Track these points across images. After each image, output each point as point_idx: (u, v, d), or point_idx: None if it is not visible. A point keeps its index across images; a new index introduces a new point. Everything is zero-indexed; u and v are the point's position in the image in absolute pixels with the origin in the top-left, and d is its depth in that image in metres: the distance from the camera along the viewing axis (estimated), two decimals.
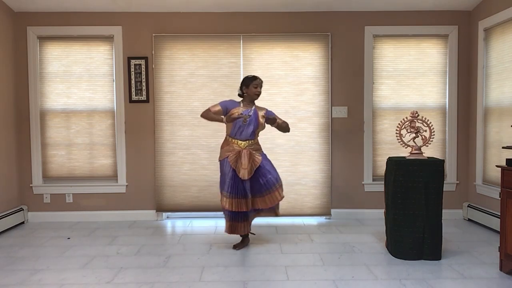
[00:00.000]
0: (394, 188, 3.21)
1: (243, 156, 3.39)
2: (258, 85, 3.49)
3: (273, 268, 3.03)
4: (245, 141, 3.45)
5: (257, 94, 3.52)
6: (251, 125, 3.44)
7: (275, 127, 3.60)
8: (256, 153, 3.47)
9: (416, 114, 3.38)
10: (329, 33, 4.46)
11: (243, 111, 3.44)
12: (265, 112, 3.55)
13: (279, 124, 3.59)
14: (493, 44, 4.12)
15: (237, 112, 3.42)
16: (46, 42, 4.49)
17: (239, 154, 3.41)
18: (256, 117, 3.47)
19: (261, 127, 3.54)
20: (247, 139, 3.46)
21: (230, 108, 3.48)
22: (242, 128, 3.44)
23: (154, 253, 3.39)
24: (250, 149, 3.44)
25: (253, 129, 3.46)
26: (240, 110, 3.45)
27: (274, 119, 3.51)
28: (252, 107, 3.51)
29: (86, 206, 4.55)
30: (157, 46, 4.46)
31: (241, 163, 3.38)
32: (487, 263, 3.09)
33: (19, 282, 2.82)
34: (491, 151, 4.16)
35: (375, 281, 2.79)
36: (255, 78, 3.51)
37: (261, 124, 3.51)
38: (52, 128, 4.53)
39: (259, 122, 3.48)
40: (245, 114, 3.42)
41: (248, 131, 3.44)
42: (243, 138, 3.45)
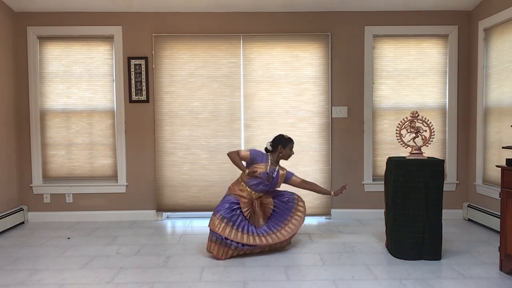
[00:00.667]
0: (394, 188, 3.21)
1: (255, 206, 3.40)
2: (291, 149, 3.51)
3: (273, 268, 3.03)
4: (257, 194, 3.46)
5: (290, 156, 3.53)
6: (270, 185, 3.46)
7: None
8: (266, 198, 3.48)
9: (416, 114, 3.38)
10: (329, 33, 4.46)
11: (268, 170, 3.42)
12: (285, 175, 3.55)
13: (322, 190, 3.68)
14: (493, 44, 4.12)
15: (260, 170, 3.39)
16: (46, 42, 4.49)
17: (251, 203, 3.40)
18: (277, 179, 3.48)
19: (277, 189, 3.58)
20: (260, 193, 3.47)
21: (257, 160, 3.43)
22: (262, 184, 3.43)
23: (154, 253, 3.39)
24: (261, 200, 3.47)
25: (269, 189, 3.49)
26: (264, 168, 3.41)
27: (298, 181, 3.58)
28: (277, 168, 3.49)
29: (86, 206, 4.55)
30: (157, 46, 4.46)
31: (254, 211, 3.38)
32: (487, 263, 3.09)
33: (19, 282, 2.82)
34: (491, 151, 4.16)
35: (375, 281, 2.79)
36: (292, 141, 3.52)
37: (279, 185, 3.53)
38: (52, 128, 4.53)
39: (276, 185, 3.51)
40: (270, 173, 3.42)
41: (265, 189, 3.47)
42: (258, 191, 3.45)
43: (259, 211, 3.39)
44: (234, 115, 4.50)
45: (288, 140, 3.50)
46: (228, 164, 4.48)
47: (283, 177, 3.52)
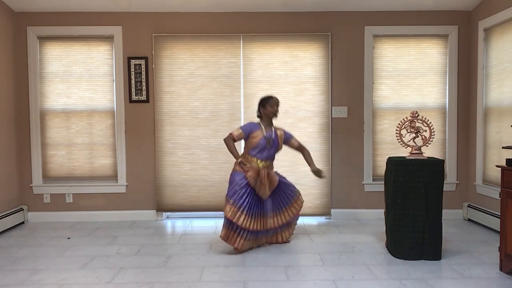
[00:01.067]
0: (394, 188, 3.21)
1: (263, 176, 3.41)
2: (274, 104, 3.54)
3: (273, 268, 3.03)
4: (263, 162, 3.49)
5: (274, 113, 3.55)
6: (272, 148, 3.50)
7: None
8: (272, 172, 3.53)
9: (416, 114, 3.38)
10: (329, 33, 4.46)
11: (266, 134, 3.48)
12: (284, 134, 3.61)
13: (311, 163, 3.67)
14: (493, 44, 4.12)
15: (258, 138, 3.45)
16: (46, 42, 4.49)
17: (258, 173, 3.41)
18: (277, 139, 3.53)
19: (280, 149, 3.60)
20: (267, 160, 3.51)
21: (253, 130, 3.50)
22: (265, 149, 3.47)
23: (154, 253, 3.39)
24: (268, 170, 3.48)
25: (274, 151, 3.53)
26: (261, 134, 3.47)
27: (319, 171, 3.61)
28: (272, 129, 3.55)
29: (86, 206, 4.55)
30: (157, 46, 4.46)
31: (261, 182, 3.39)
32: (487, 263, 3.09)
33: (19, 282, 2.82)
34: (491, 151, 4.16)
35: (375, 281, 2.79)
36: (270, 97, 3.57)
37: (280, 146, 3.58)
38: (52, 128, 4.53)
39: (278, 145, 3.54)
40: (268, 137, 3.48)
41: (270, 152, 3.50)
42: (263, 158, 3.49)
43: (266, 181, 3.41)
44: (234, 115, 4.50)
45: (266, 98, 3.56)
46: (228, 164, 4.49)
47: (282, 137, 3.59)
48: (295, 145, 3.67)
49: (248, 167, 3.42)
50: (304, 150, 3.70)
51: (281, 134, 3.59)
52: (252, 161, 3.48)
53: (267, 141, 3.46)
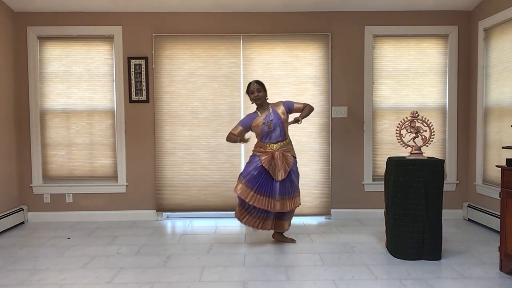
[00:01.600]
0: (394, 188, 3.21)
1: (277, 158, 3.43)
2: (253, 91, 3.54)
3: (273, 268, 3.03)
4: (276, 144, 3.51)
5: (256, 99, 3.55)
6: (277, 127, 3.50)
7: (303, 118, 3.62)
8: (289, 154, 3.52)
9: (416, 114, 3.38)
10: (329, 33, 4.46)
11: (263, 119, 3.49)
12: (283, 106, 3.59)
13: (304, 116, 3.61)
14: (493, 44, 4.12)
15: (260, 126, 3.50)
16: (46, 42, 4.49)
17: (272, 156, 3.45)
18: (278, 117, 3.52)
19: (287, 123, 3.57)
20: (278, 141, 3.51)
21: (250, 123, 3.56)
22: (270, 133, 3.50)
23: (154, 253, 3.40)
24: (283, 151, 3.49)
25: (280, 130, 3.52)
26: (261, 120, 3.50)
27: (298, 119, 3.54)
28: (269, 110, 3.54)
29: (86, 206, 4.55)
30: (157, 46, 4.46)
31: (275, 164, 3.43)
32: (487, 263, 3.09)
33: (19, 282, 2.82)
34: (491, 151, 4.16)
35: (375, 281, 2.79)
36: (248, 85, 3.58)
37: (285, 120, 3.55)
38: (52, 128, 4.53)
39: (282, 121, 3.52)
40: (267, 121, 3.48)
41: (276, 133, 3.51)
42: (274, 141, 3.51)
43: (280, 162, 3.43)
44: (234, 115, 4.50)
45: (247, 87, 3.58)
46: (228, 164, 4.50)
47: (283, 110, 3.55)
48: (301, 108, 3.61)
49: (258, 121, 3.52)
50: (307, 106, 3.64)
51: (282, 108, 3.57)
52: (266, 146, 3.51)
53: (267, 125, 3.48)
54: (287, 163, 3.47)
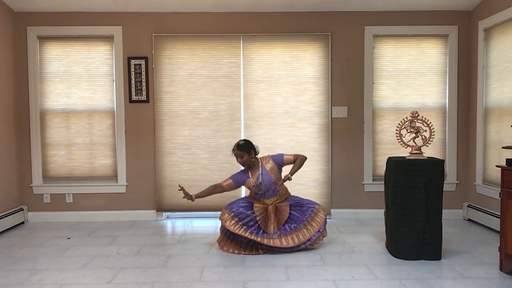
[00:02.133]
0: (394, 188, 3.21)
1: (270, 212, 3.41)
2: (237, 156, 3.48)
3: (273, 268, 3.03)
4: (270, 199, 3.49)
5: (242, 163, 3.51)
6: (268, 188, 3.44)
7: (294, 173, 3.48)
8: (282, 204, 3.47)
9: (416, 114, 3.37)
10: (329, 33, 4.46)
11: (254, 182, 3.44)
12: (273, 162, 3.50)
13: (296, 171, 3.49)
14: (493, 44, 4.12)
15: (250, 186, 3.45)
16: (46, 42, 4.49)
17: (265, 209, 3.43)
18: (268, 177, 3.44)
19: (277, 176, 3.48)
20: (271, 197, 3.49)
21: (242, 180, 3.51)
22: (261, 193, 3.47)
23: (154, 253, 3.39)
24: (277, 204, 3.47)
25: (272, 189, 3.46)
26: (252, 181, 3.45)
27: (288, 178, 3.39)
28: (259, 169, 3.48)
29: (86, 206, 4.55)
30: (157, 46, 4.46)
31: (268, 217, 3.40)
32: (487, 263, 3.09)
33: (19, 282, 2.82)
34: (491, 151, 4.16)
35: (375, 281, 2.79)
36: (233, 148, 3.51)
37: (275, 176, 3.46)
38: (52, 128, 4.53)
39: (272, 178, 3.45)
40: (256, 183, 3.43)
41: (269, 193, 3.47)
42: (267, 197, 3.49)
43: (273, 216, 3.39)
44: (234, 115, 4.50)
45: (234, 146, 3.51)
46: (228, 164, 4.50)
47: (273, 168, 3.48)
48: (292, 160, 3.51)
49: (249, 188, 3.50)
50: (298, 158, 3.53)
51: (271, 164, 3.49)
52: (260, 201, 3.49)
53: (257, 188, 3.42)
54: (281, 216, 3.42)
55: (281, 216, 3.43)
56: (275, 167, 3.49)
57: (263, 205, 3.46)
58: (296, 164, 3.50)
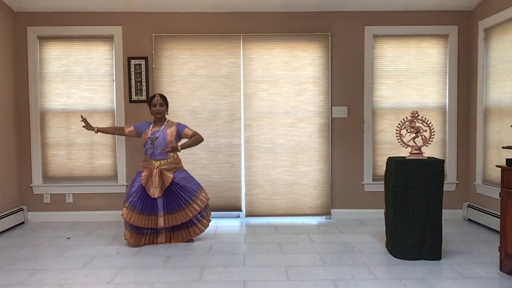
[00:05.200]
0: (394, 188, 3.21)
1: (154, 175, 3.53)
2: (155, 104, 3.61)
3: (273, 268, 3.03)
4: (157, 161, 3.59)
5: (157, 112, 3.62)
6: (159, 147, 3.56)
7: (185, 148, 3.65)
8: (168, 172, 3.57)
9: (416, 114, 3.38)
10: (329, 33, 4.46)
11: (150, 134, 3.58)
12: (176, 128, 3.64)
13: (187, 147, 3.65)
14: (493, 44, 4.12)
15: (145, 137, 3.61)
16: (46, 42, 4.49)
17: (150, 173, 3.55)
18: (164, 136, 3.57)
19: (173, 144, 3.58)
20: (159, 159, 3.59)
21: (142, 129, 3.67)
22: (151, 150, 3.58)
23: (154, 253, 3.39)
24: (162, 168, 3.57)
25: (159, 149, 3.57)
26: (148, 132, 3.59)
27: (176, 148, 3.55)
28: (162, 127, 3.61)
29: (86, 206, 4.55)
30: (157, 46, 4.46)
31: (152, 181, 3.52)
32: (487, 263, 3.09)
33: (19, 282, 2.82)
34: (491, 151, 4.16)
35: (375, 281, 2.79)
36: (152, 97, 3.65)
37: (171, 142, 3.57)
38: (52, 128, 4.53)
39: (167, 142, 3.56)
40: (152, 136, 3.56)
41: (156, 152, 3.58)
42: (155, 158, 3.59)
43: (157, 180, 3.51)
44: (234, 115, 4.50)
45: (150, 98, 3.71)
46: (228, 164, 4.50)
47: (172, 132, 3.61)
48: (189, 135, 3.68)
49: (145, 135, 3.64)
50: (195, 135, 3.68)
51: (173, 129, 3.65)
52: (148, 162, 3.61)
53: (150, 140, 3.56)
54: (164, 181, 3.53)
55: (164, 181, 3.54)
56: (175, 133, 3.63)
57: (149, 169, 3.56)
58: (190, 140, 3.67)
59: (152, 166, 3.59)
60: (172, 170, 3.61)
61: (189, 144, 3.66)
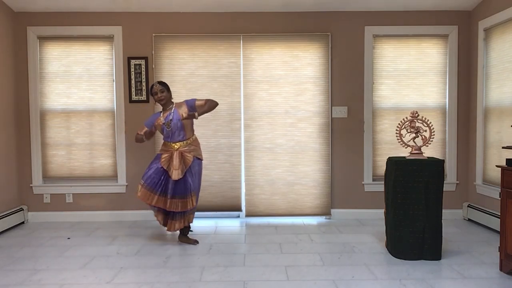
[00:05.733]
0: (394, 188, 3.21)
1: (175, 158, 3.52)
2: (156, 92, 3.60)
3: (273, 268, 3.03)
4: (176, 143, 3.58)
5: (159, 100, 3.61)
6: (176, 127, 3.55)
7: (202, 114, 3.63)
8: (188, 154, 3.56)
9: (416, 114, 3.38)
10: (329, 33, 4.46)
11: (163, 119, 3.57)
12: (186, 105, 3.62)
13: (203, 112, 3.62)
14: (493, 44, 4.12)
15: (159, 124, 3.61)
16: (46, 42, 4.49)
17: (171, 155, 3.54)
18: (177, 117, 3.56)
19: (188, 123, 3.60)
20: (178, 141, 3.58)
21: (153, 122, 3.66)
22: (169, 133, 3.58)
23: (154, 253, 3.40)
24: (182, 150, 3.56)
25: (179, 130, 3.57)
26: (161, 119, 3.59)
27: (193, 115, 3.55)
28: (172, 110, 3.60)
29: (86, 206, 4.55)
30: (157, 46, 4.46)
31: (173, 164, 3.51)
32: (487, 263, 3.09)
33: (19, 282, 2.82)
34: (491, 151, 4.16)
35: (375, 281, 2.79)
36: (152, 86, 3.64)
37: (186, 120, 3.57)
38: (52, 128, 4.53)
39: (182, 121, 3.55)
40: (166, 121, 3.56)
41: (175, 134, 3.57)
42: (174, 140, 3.59)
43: (177, 162, 3.50)
44: (234, 115, 4.50)
45: (151, 87, 3.66)
46: (228, 164, 4.50)
47: (184, 110, 3.58)
48: (203, 104, 3.61)
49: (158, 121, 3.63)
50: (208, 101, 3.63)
51: (183, 108, 3.60)
52: (168, 145, 3.61)
53: (166, 125, 3.56)
54: (184, 163, 3.53)
55: (185, 163, 3.53)
56: (187, 110, 3.59)
57: (169, 152, 3.56)
58: (205, 106, 3.61)
59: (172, 149, 3.57)
60: (191, 152, 3.59)
61: (206, 109, 3.61)
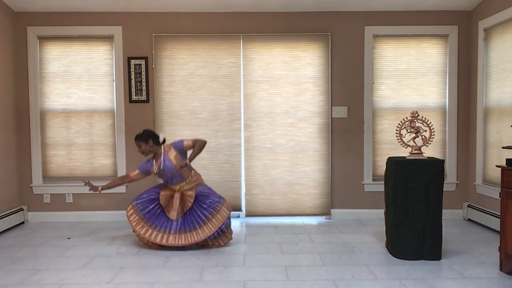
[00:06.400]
0: (394, 188, 3.21)
1: (175, 199, 3.48)
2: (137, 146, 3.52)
3: (273, 268, 3.03)
4: (176, 185, 3.55)
5: (142, 153, 3.54)
6: (170, 173, 3.49)
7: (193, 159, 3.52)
8: (189, 191, 3.51)
9: (416, 114, 3.37)
10: (329, 33, 4.46)
11: (156, 169, 3.50)
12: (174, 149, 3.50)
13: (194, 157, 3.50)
14: (493, 44, 4.12)
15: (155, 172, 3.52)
16: (46, 42, 4.49)
17: (172, 195, 3.52)
18: (169, 164, 3.46)
19: (181, 163, 3.46)
20: (177, 183, 3.55)
21: (148, 168, 3.57)
22: (165, 179, 3.54)
23: (154, 253, 3.39)
24: (184, 191, 3.53)
25: (175, 175, 3.50)
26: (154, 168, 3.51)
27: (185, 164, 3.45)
28: (162, 156, 3.50)
29: (86, 206, 4.55)
30: (157, 46, 4.46)
31: (172, 203, 3.48)
32: (487, 263, 3.09)
33: (19, 282, 2.82)
34: (491, 151, 4.16)
35: (375, 281, 2.79)
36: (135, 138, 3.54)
37: (178, 163, 3.46)
38: (52, 128, 4.53)
39: (174, 165, 3.46)
40: (158, 170, 3.49)
41: (173, 179, 3.53)
42: (173, 184, 3.55)
43: (177, 203, 3.46)
44: (234, 115, 4.50)
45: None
46: (228, 164, 4.50)
47: (174, 155, 3.48)
48: (191, 145, 3.49)
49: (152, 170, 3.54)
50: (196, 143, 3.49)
51: (172, 151, 3.49)
52: (168, 187, 3.57)
53: (159, 174, 3.51)
54: (184, 204, 3.49)
55: (185, 205, 3.50)
56: (177, 153, 3.50)
57: (170, 192, 3.53)
58: (195, 149, 3.49)
59: (174, 190, 3.55)
60: (193, 188, 3.55)
61: (195, 153, 3.49)
